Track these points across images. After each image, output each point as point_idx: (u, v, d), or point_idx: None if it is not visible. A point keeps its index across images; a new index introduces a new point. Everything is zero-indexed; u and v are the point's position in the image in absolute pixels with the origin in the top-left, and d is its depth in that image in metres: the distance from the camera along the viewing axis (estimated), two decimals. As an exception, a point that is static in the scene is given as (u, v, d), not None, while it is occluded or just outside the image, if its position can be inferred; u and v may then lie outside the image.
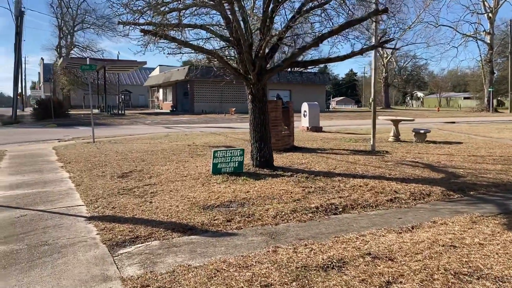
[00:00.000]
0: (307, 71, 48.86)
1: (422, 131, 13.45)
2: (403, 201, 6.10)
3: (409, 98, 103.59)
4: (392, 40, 8.20)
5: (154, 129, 21.44)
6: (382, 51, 54.14)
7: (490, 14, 48.51)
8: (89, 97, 15.00)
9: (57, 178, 8.12)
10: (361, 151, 11.07)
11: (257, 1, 8.93)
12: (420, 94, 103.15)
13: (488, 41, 49.69)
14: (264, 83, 8.06)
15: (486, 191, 6.72)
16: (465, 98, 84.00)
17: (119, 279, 3.61)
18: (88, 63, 15.36)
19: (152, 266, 3.86)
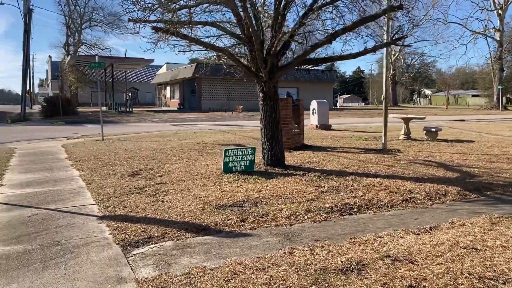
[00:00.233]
0: (314, 69, 48.65)
1: (434, 129, 13.28)
2: (419, 201, 5.99)
3: (417, 96, 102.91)
4: (406, 37, 8.07)
5: (162, 127, 21.41)
6: (390, 49, 53.72)
7: (500, 11, 47.99)
8: (98, 95, 14.98)
9: (68, 177, 8.08)
10: (372, 150, 10.95)
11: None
12: (428, 92, 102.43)
13: (498, 38, 49.17)
14: (276, 81, 7.97)
15: (503, 191, 6.59)
16: (474, 96, 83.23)
17: (134, 281, 3.54)
18: (97, 61, 15.32)
19: (167, 268, 3.79)
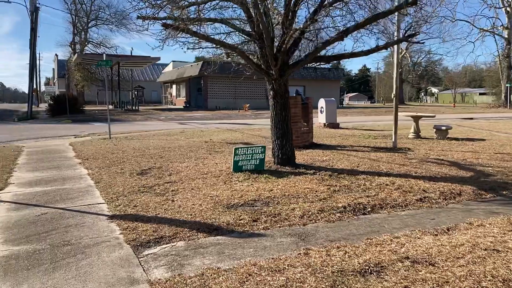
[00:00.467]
0: (321, 67, 48.43)
1: (444, 128, 13.13)
2: (434, 201, 5.87)
3: (423, 94, 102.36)
4: (418, 34, 7.93)
5: (169, 125, 21.37)
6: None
7: (508, 8, 47.48)
8: (105, 93, 14.95)
9: (76, 175, 8.03)
10: (382, 148, 10.83)
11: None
12: (435, 90, 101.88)
13: (506, 36, 48.69)
14: (286, 79, 7.87)
15: (519, 191, 6.45)
16: (481, 94, 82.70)
17: (147, 283, 3.46)
18: (105, 59, 15.29)
19: (180, 269, 3.71)
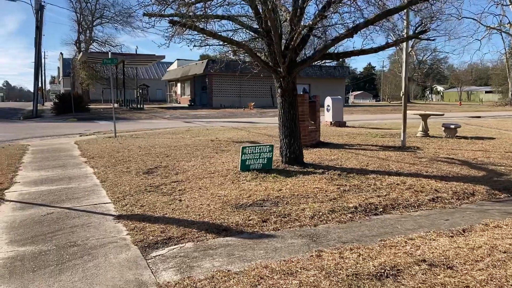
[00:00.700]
0: (326, 65, 48.14)
1: (453, 126, 12.96)
2: (447, 201, 5.74)
3: (429, 92, 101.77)
4: (429, 31, 7.78)
5: (174, 124, 21.28)
6: (402, 45, 52.91)
7: (516, 5, 47.05)
8: (111, 91, 14.88)
9: (82, 174, 7.95)
10: (391, 147, 10.68)
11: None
12: (440, 88, 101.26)
13: (513, 34, 48.30)
14: (294, 76, 7.75)
15: (534, 191, 6.31)
16: (487, 92, 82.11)
17: (155, 285, 3.36)
18: (110, 57, 15.21)
19: (189, 271, 3.61)
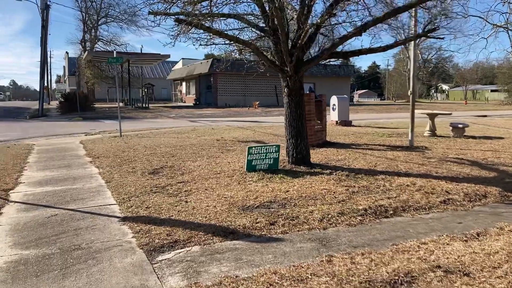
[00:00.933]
0: (331, 64, 47.92)
1: (461, 126, 12.80)
2: (458, 203, 5.61)
3: (434, 91, 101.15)
4: (438, 29, 7.64)
5: (179, 123, 21.20)
6: (408, 44, 52.63)
7: (523, 4, 46.72)
8: (114, 91, 14.82)
9: (87, 174, 7.87)
10: (398, 147, 10.54)
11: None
12: (445, 87, 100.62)
13: (520, 32, 47.90)
14: (301, 75, 7.63)
15: (548, 193, 6.16)
16: (493, 91, 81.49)
17: (162, 292, 3.27)
18: (115, 56, 15.14)
19: (196, 277, 3.51)
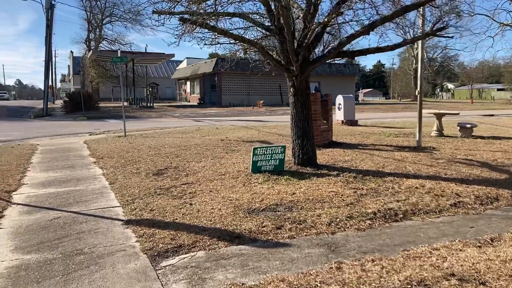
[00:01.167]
0: (336, 63, 47.79)
1: (469, 126, 12.63)
2: (469, 206, 5.47)
3: (439, 90, 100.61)
4: (447, 28, 7.50)
5: (184, 123, 21.13)
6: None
7: (530, 2, 46.34)
8: (119, 90, 14.75)
9: (90, 175, 7.78)
10: (406, 147, 10.40)
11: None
12: (451, 86, 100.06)
13: (527, 30, 47.53)
14: (307, 75, 7.51)
15: (561, 195, 6.01)
16: (499, 90, 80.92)
17: (166, 300, 3.17)
18: (120, 55, 15.07)
19: (201, 284, 3.40)
